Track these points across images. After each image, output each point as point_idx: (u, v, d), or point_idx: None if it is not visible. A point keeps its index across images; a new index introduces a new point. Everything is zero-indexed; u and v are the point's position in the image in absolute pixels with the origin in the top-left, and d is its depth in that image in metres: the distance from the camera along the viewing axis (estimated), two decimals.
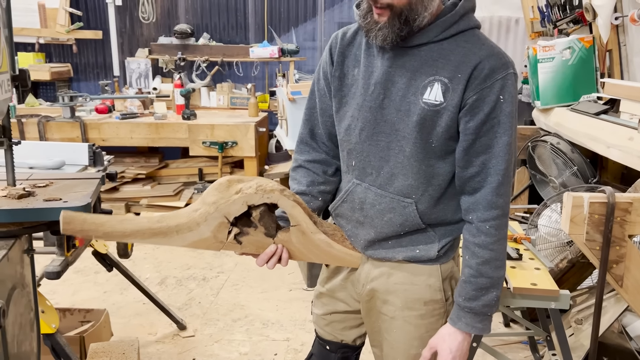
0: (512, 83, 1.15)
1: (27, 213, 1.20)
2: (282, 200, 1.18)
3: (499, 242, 1.21)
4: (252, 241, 1.21)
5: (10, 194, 1.26)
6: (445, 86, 1.15)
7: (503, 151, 1.16)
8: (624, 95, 2.55)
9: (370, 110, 1.21)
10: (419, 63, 1.17)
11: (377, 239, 1.27)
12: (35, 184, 1.42)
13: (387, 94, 1.20)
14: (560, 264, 2.43)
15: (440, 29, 1.16)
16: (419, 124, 1.16)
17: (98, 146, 2.31)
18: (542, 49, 3.15)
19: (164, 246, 3.92)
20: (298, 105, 3.52)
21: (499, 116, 1.14)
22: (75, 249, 1.89)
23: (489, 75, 1.13)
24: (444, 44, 1.17)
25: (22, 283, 1.22)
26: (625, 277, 1.81)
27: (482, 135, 1.15)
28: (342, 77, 1.28)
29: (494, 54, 1.15)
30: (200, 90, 4.99)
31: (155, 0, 5.01)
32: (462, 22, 1.18)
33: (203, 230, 1.15)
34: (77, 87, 5.30)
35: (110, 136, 4.41)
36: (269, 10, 5.13)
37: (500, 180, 1.17)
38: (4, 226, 1.20)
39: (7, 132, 1.26)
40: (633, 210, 1.76)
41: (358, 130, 1.24)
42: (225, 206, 1.15)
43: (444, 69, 1.15)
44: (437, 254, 1.26)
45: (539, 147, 3.21)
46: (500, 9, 4.66)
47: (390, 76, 1.19)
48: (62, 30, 4.92)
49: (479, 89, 1.13)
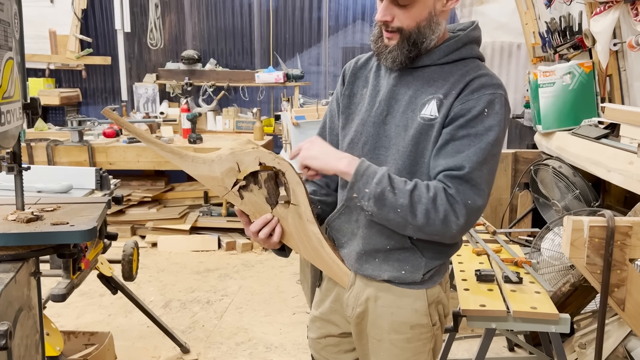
0: (500, 102, 1.18)
1: (35, 237, 1.24)
2: (290, 172, 1.24)
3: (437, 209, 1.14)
4: (252, 200, 1.26)
5: (19, 218, 1.30)
6: (440, 102, 1.20)
7: (474, 156, 1.14)
8: (624, 120, 2.58)
9: (374, 126, 1.27)
10: (421, 83, 1.24)
11: (366, 251, 1.29)
12: (43, 208, 1.46)
13: (389, 111, 1.26)
14: (563, 287, 2.42)
15: (443, 53, 1.23)
16: (414, 138, 1.21)
17: (105, 170, 2.35)
18: (543, 74, 3.20)
19: (168, 269, 3.96)
20: (302, 130, 3.57)
21: (476, 126, 1.16)
22: (81, 271, 1.92)
23: (477, 88, 1.18)
24: (446, 67, 1.24)
25: (28, 305, 1.24)
26: (627, 301, 1.81)
27: (453, 140, 1.16)
28: (351, 96, 1.36)
29: (489, 75, 1.21)
30: (206, 115, 5.07)
31: (163, 27, 5.11)
32: (464, 49, 1.25)
33: (215, 167, 1.22)
34: (86, 112, 5.38)
35: (118, 160, 4.47)
36: (275, 36, 5.23)
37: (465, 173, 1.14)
38: (13, 249, 1.23)
39: (17, 158, 1.30)
40: (633, 234, 1.77)
41: (361, 144, 1.29)
42: (240, 153, 1.22)
43: (442, 88, 1.21)
44: (423, 278, 1.27)
45: (541, 170, 3.23)
46: (503, 35, 4.73)
47: (394, 94, 1.26)
48: (72, 56, 5.03)
49: (465, 100, 1.18)
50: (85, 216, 1.36)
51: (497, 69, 4.78)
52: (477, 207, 1.15)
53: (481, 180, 1.15)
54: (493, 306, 1.75)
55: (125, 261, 2.55)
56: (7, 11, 1.14)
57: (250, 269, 4.02)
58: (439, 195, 1.14)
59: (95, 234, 1.30)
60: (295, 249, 1.33)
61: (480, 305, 1.75)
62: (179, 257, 4.27)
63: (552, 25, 3.70)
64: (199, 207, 4.75)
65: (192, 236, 4.51)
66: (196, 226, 4.59)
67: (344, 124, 1.36)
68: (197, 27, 5.27)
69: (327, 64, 5.29)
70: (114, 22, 5.16)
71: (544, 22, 3.93)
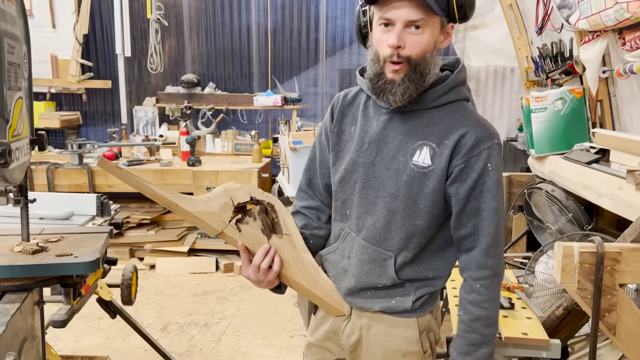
0: (497, 152, 1.25)
1: (41, 268, 1.28)
2: (278, 204, 1.35)
3: (490, 300, 1.27)
4: (250, 232, 1.32)
5: (25, 250, 1.34)
6: (433, 151, 1.24)
7: (492, 215, 1.24)
8: (613, 146, 2.64)
9: (363, 166, 1.31)
10: (410, 127, 1.27)
11: (357, 288, 1.34)
12: (48, 239, 1.50)
13: (379, 152, 1.29)
14: (556, 310, 2.45)
15: (431, 98, 1.27)
16: (407, 184, 1.25)
17: (106, 197, 2.40)
18: (535, 99, 3.27)
19: (166, 292, 3.97)
20: (299, 154, 3.62)
21: (487, 182, 1.23)
22: (81, 297, 1.95)
23: (475, 144, 1.22)
24: (434, 112, 1.27)
25: (32, 334, 1.28)
26: (618, 325, 1.85)
27: (472, 200, 1.24)
28: (340, 133, 1.39)
29: (480, 125, 1.25)
30: (205, 137, 5.13)
31: (163, 51, 5.20)
32: (452, 93, 1.28)
33: (212, 203, 1.29)
34: (86, 134, 5.44)
35: (117, 182, 4.51)
36: (273, 58, 5.32)
37: (489, 242, 1.25)
38: (18, 280, 1.27)
39: (23, 191, 1.35)
40: (622, 260, 1.80)
41: (352, 183, 1.33)
42: (232, 190, 1.32)
43: (433, 135, 1.25)
44: (412, 306, 1.32)
45: (534, 194, 3.28)
46: (496, 59, 4.82)
47: (383, 136, 1.29)
48: (73, 80, 5.11)
49: (466, 158, 1.22)
50: (88, 247, 1.40)
51: (491, 93, 4.87)
52: (501, 260, 1.29)
53: (499, 235, 1.27)
54: None
55: (124, 285, 2.58)
56: (17, 53, 1.19)
57: (248, 291, 4.04)
58: (492, 298, 1.28)
59: (99, 265, 1.34)
60: (295, 278, 1.36)
61: None
62: (177, 279, 4.29)
63: (544, 51, 3.79)
64: (197, 229, 4.78)
65: (190, 258, 4.54)
66: (194, 248, 4.62)
67: (334, 161, 1.40)
68: (196, 51, 5.36)
69: (324, 86, 5.37)
70: (114, 47, 5.25)
71: (537, 48, 4.02)
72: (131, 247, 4.60)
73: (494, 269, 1.27)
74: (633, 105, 2.95)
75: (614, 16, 2.44)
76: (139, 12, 5.23)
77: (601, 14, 2.53)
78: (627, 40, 2.57)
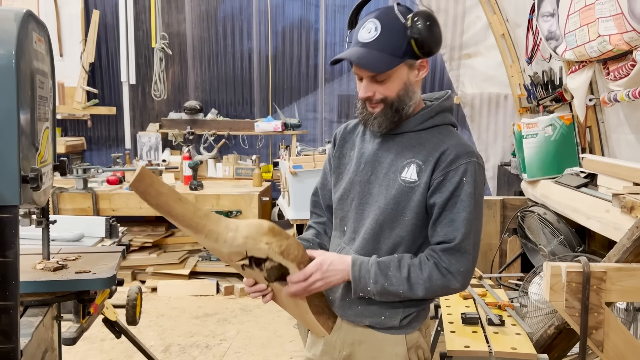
0: (475, 170, 1.36)
1: (62, 284, 1.38)
2: (294, 269, 1.34)
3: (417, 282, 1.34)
4: (252, 274, 1.38)
5: (46, 267, 1.44)
6: (419, 167, 1.38)
7: (464, 225, 1.34)
8: (600, 170, 2.75)
9: (360, 184, 1.46)
10: (400, 148, 1.42)
11: (349, 298, 1.44)
12: (66, 257, 1.60)
13: (373, 171, 1.45)
14: (548, 330, 2.53)
15: (418, 121, 1.42)
16: (395, 197, 1.38)
17: (114, 219, 2.50)
18: (526, 125, 3.40)
19: (167, 314, 4.03)
20: (299, 178, 3.73)
21: (461, 195, 1.35)
22: (90, 316, 2.04)
23: (454, 159, 1.36)
24: (422, 133, 1.42)
25: (52, 347, 1.37)
26: (605, 343, 1.93)
27: (446, 210, 1.35)
28: (340, 157, 1.56)
29: (461, 144, 1.39)
30: (207, 162, 5.25)
31: (167, 79, 5.35)
32: (437, 117, 1.44)
33: (223, 247, 1.29)
34: (90, 159, 5.55)
35: (120, 206, 4.61)
36: (273, 84, 5.47)
37: (453, 247, 1.34)
38: (40, 295, 1.37)
39: (45, 213, 1.46)
40: (607, 279, 1.90)
41: (349, 200, 1.48)
42: (251, 248, 1.29)
43: (420, 154, 1.39)
44: (401, 323, 1.42)
45: (527, 217, 3.38)
46: (490, 86, 4.97)
47: (377, 157, 1.45)
48: (79, 107, 5.24)
49: (445, 171, 1.35)
50: (104, 265, 1.50)
51: (485, 119, 5.01)
52: (468, 270, 1.36)
53: (469, 246, 1.35)
54: (476, 347, 1.87)
55: (130, 306, 2.66)
56: (45, 88, 1.31)
57: (249, 313, 4.10)
58: (433, 272, 1.34)
59: (115, 281, 1.44)
60: (283, 307, 1.49)
61: (464, 346, 1.88)
62: (178, 302, 4.35)
63: (535, 79, 3.93)
64: (198, 252, 4.85)
65: (191, 281, 4.60)
66: (195, 271, 4.68)
67: (335, 182, 1.55)
68: (199, 78, 5.52)
69: (323, 112, 5.51)
70: (120, 75, 5.40)
71: (528, 76, 4.17)
72: (133, 270, 4.67)
73: (447, 265, 1.34)
74: (620, 132, 3.07)
75: (597, 48, 2.58)
76: (144, 41, 5.40)
77: (585, 45, 2.67)
78: (611, 70, 2.71)
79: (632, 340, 1.93)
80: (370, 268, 1.35)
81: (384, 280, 1.34)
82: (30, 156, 1.20)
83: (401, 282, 1.34)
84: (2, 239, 1.06)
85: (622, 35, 2.33)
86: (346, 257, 1.39)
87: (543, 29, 3.23)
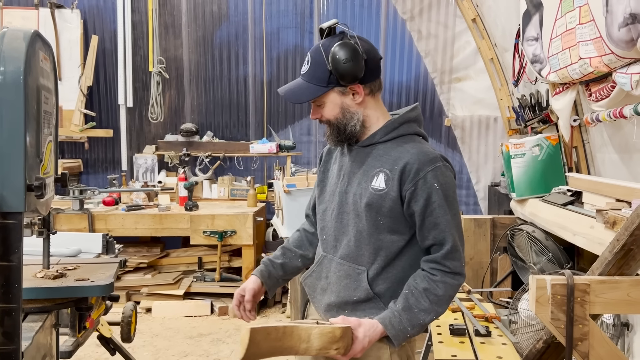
0: (443, 172, 1.47)
1: (62, 290, 1.43)
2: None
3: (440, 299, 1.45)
4: None
5: (47, 275, 1.49)
6: (387, 176, 1.49)
7: (448, 226, 1.45)
8: (585, 188, 2.84)
9: (339, 195, 1.58)
10: (370, 158, 1.54)
11: (336, 303, 1.53)
12: (66, 267, 1.65)
13: (350, 182, 1.56)
14: (537, 344, 2.57)
15: (383, 133, 1.54)
16: (367, 205, 1.49)
17: (111, 236, 2.55)
18: (514, 146, 3.50)
19: (162, 334, 4.04)
20: (293, 197, 3.80)
21: (437, 200, 1.45)
22: (86, 330, 2.08)
23: (420, 169, 1.46)
24: (388, 144, 1.54)
25: (50, 353, 1.41)
26: (591, 355, 1.98)
27: (427, 216, 1.46)
28: (325, 171, 1.70)
29: (422, 152, 1.49)
30: (202, 183, 5.31)
31: (164, 102, 5.45)
32: (401, 128, 1.55)
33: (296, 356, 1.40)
34: (87, 180, 5.60)
35: (116, 227, 4.65)
36: (268, 108, 5.57)
37: (449, 249, 1.46)
38: (39, 302, 1.42)
39: (47, 224, 1.52)
40: (591, 291, 1.95)
41: (330, 211, 1.59)
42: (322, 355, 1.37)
43: (387, 163, 1.50)
44: None
45: (517, 235, 3.45)
46: (480, 109, 5.09)
47: (352, 168, 1.57)
48: (76, 129, 5.32)
49: (414, 181, 1.46)
50: (102, 273, 1.56)
51: (476, 140, 5.11)
52: (463, 261, 1.50)
53: (458, 242, 1.47)
54: (463, 356, 1.93)
55: (125, 322, 2.69)
56: (50, 103, 1.39)
57: None
58: (446, 282, 1.46)
59: (112, 288, 1.49)
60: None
61: (452, 355, 1.93)
62: (173, 322, 4.37)
63: (522, 101, 4.05)
64: (193, 273, 4.88)
65: (185, 301, 4.62)
66: (189, 291, 4.70)
67: (319, 194, 1.68)
68: (195, 101, 5.62)
69: (317, 134, 5.60)
70: (117, 98, 5.48)
71: (517, 98, 4.29)
72: (128, 291, 4.68)
73: (452, 268, 1.46)
74: (605, 151, 3.16)
75: (579, 70, 2.69)
76: (141, 65, 5.51)
77: (568, 68, 2.78)
78: (592, 91, 2.81)
79: (617, 352, 1.98)
80: (401, 319, 1.43)
81: (417, 320, 1.43)
82: (34, 166, 1.27)
83: (430, 310, 1.44)
84: (7, 244, 1.12)
85: (602, 58, 2.43)
86: (373, 322, 1.44)
87: (528, 52, 3.35)
